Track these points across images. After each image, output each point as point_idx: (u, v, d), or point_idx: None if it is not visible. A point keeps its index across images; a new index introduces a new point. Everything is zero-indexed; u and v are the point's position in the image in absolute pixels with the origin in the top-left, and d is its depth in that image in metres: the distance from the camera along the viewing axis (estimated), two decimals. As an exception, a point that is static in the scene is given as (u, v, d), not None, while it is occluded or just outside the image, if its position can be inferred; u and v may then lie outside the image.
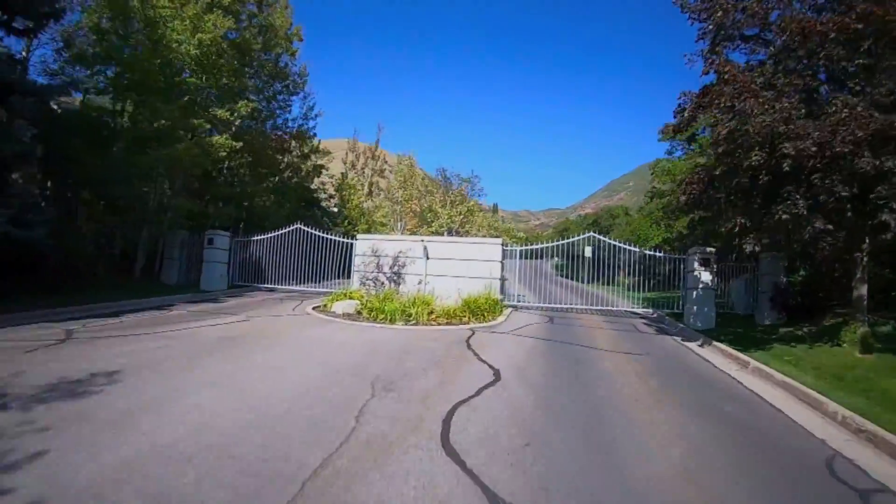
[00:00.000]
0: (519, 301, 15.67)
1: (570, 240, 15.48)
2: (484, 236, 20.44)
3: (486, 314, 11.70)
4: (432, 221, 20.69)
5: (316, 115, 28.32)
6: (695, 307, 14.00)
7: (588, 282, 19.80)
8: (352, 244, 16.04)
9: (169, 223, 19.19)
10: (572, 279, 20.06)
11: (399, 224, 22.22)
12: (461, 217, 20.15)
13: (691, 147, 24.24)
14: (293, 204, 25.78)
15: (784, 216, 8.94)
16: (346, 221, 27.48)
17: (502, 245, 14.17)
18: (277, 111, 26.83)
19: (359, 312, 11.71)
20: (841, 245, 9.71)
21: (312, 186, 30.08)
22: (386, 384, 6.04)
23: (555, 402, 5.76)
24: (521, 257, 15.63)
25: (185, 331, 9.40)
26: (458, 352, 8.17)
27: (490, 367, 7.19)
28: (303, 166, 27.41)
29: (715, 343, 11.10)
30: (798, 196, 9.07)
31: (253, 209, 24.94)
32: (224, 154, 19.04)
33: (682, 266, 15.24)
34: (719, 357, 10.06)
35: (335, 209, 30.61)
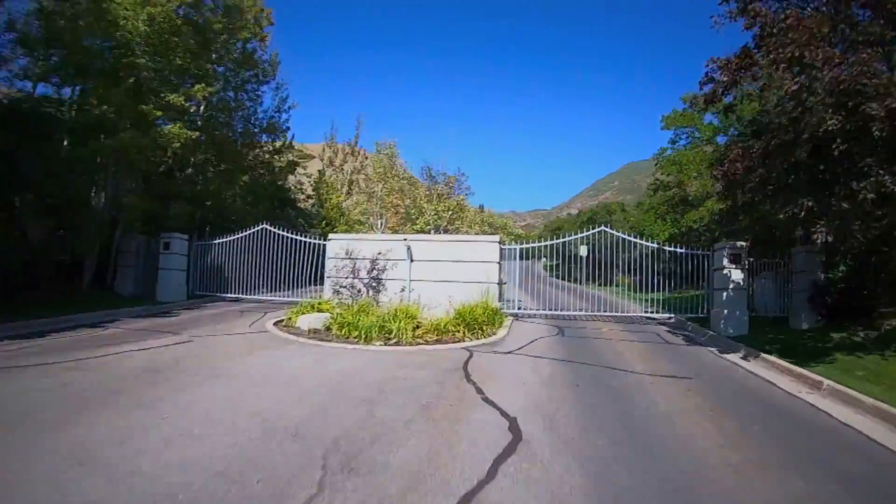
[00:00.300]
0: (519, 308, 13.54)
1: (581, 235, 13.38)
2: (476, 234, 18.18)
3: (484, 327, 9.52)
4: (417, 218, 18.37)
5: (289, 108, 25.99)
6: (725, 310, 12.01)
7: (586, 283, 17.81)
8: (323, 246, 13.78)
9: (124, 226, 16.94)
10: (567, 280, 17.99)
11: (379, 222, 19.81)
12: (450, 213, 17.92)
13: (697, 136, 22.33)
14: (265, 204, 23.39)
15: (868, 196, 6.96)
16: (324, 222, 25.06)
17: (499, 244, 12.03)
18: (247, 103, 24.53)
19: (328, 329, 9.48)
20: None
21: (287, 185, 27.70)
22: (346, 458, 3.84)
23: (617, 483, 3.61)
24: (520, 257, 13.51)
25: (105, 358, 7.29)
26: (453, 387, 5.95)
27: (502, 413, 5.00)
28: (275, 163, 25.02)
29: (763, 355, 9.15)
30: (882, 171, 7.09)
31: (221, 210, 22.56)
32: (178, 145, 16.68)
33: (705, 263, 13.23)
34: (777, 374, 8.15)
35: (314, 210, 28.26)
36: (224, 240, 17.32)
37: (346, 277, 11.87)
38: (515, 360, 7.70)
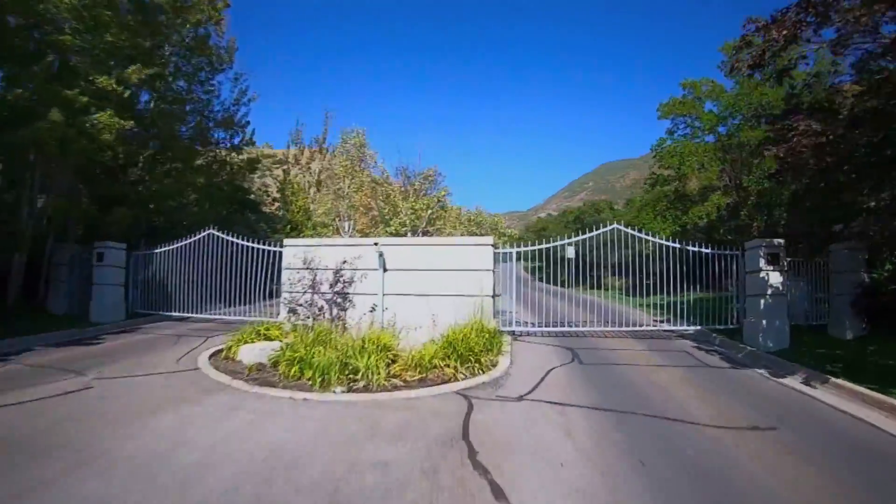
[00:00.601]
0: (516, 323, 11.29)
1: (594, 233, 11.21)
2: (462, 235, 15.58)
3: (480, 357, 7.30)
4: (391, 219, 15.80)
5: (249, 100, 23.43)
6: (763, 321, 10.07)
7: (577, 287, 15.75)
8: (279, 254, 11.41)
9: (55, 234, 14.58)
10: (551, 283, 15.85)
11: (347, 224, 17.17)
12: (429, 211, 15.34)
13: (698, 125, 20.45)
14: (222, 207, 20.76)
15: None
16: (289, 226, 22.51)
17: (493, 247, 9.82)
18: (203, 95, 21.98)
19: (275, 365, 7.15)
20: None
21: (249, 187, 25.13)
22: None
23: None
24: (517, 261, 11.33)
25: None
26: (454, 482, 3.60)
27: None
28: (233, 160, 22.42)
29: (833, 380, 7.23)
30: None
31: (170, 215, 19.95)
32: (108, 136, 14.13)
33: (734, 265, 11.29)
34: (866, 408, 6.44)
35: (280, 213, 25.64)
36: (165, 249, 14.85)
37: (305, 292, 9.54)
38: (534, 412, 5.47)
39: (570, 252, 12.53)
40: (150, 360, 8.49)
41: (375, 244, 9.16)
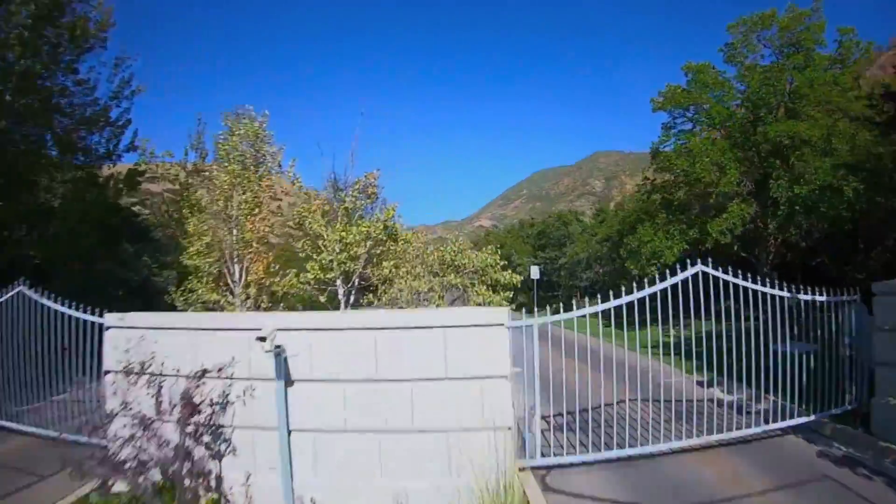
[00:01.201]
0: (543, 451, 6.45)
1: (675, 279, 6.57)
2: (431, 291, 9.37)
3: None
4: (308, 259, 9.81)
5: (132, 93, 18.15)
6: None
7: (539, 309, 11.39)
8: (101, 331, 6.34)
9: None
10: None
11: (236, 269, 10.86)
12: (370, 244, 9.61)
13: (703, 119, 16.87)
14: (88, 236, 15.16)
15: None
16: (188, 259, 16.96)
17: (506, 326, 5.10)
18: (69, 84, 16.81)
19: None
20: None
21: (135, 207, 19.51)
22: None
23: None
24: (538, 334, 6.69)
25: None
26: None
27: None
28: (112, 173, 16.92)
29: None
30: None
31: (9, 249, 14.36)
32: None
33: (850, 316, 7.30)
34: None
35: (178, 241, 19.96)
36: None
37: (137, 422, 4.69)
38: None
39: (535, 273, 8.60)
40: None
41: (262, 340, 4.34)
